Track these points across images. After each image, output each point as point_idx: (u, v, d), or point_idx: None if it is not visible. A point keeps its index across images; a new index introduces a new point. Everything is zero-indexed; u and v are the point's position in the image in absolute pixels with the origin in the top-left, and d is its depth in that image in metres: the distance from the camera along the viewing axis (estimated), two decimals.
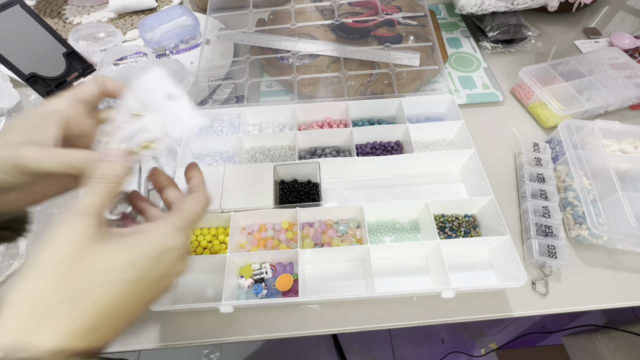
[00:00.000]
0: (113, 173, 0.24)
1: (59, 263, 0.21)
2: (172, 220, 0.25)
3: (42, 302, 0.20)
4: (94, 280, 0.21)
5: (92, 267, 0.22)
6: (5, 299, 0.20)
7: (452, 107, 0.56)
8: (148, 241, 0.24)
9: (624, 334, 0.88)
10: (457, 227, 0.48)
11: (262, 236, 0.48)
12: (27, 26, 0.51)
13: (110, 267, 0.22)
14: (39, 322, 0.20)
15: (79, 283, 0.21)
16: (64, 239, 0.22)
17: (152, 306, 0.23)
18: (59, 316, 0.20)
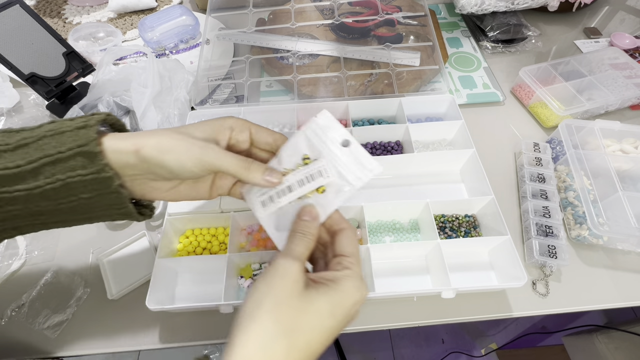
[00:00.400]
0: (312, 231, 0.29)
1: (283, 297, 0.25)
2: (357, 270, 0.28)
3: (269, 333, 0.24)
4: (306, 323, 0.25)
5: (304, 308, 0.25)
6: (239, 323, 0.24)
7: (453, 107, 0.56)
8: (347, 294, 0.26)
9: (624, 334, 0.88)
10: (457, 227, 0.48)
11: (262, 236, 0.48)
12: (26, 26, 0.51)
13: (318, 313, 0.25)
14: (267, 353, 0.23)
15: (296, 321, 0.24)
16: (287, 277, 0.26)
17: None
18: (279, 349, 0.23)
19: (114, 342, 0.42)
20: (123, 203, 0.29)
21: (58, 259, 0.48)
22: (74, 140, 0.26)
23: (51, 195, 0.27)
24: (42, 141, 0.27)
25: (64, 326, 0.43)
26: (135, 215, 0.31)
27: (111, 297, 0.44)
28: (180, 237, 0.48)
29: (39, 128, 0.28)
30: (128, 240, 0.48)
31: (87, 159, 0.26)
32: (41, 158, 0.26)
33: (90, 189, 0.27)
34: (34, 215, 0.28)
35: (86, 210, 0.29)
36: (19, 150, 0.26)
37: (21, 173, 0.26)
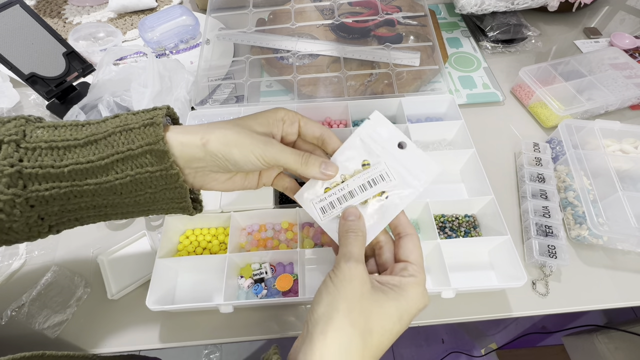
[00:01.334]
0: (363, 229, 0.31)
1: (355, 301, 0.26)
2: (422, 277, 0.29)
3: (347, 335, 0.25)
4: (378, 326, 0.26)
5: (375, 312, 0.26)
6: (316, 323, 0.26)
7: (452, 107, 0.56)
8: (413, 301, 0.28)
9: (624, 334, 0.88)
10: (457, 227, 0.48)
11: (262, 236, 0.48)
12: (27, 26, 0.51)
13: (388, 317, 0.26)
14: (345, 353, 0.25)
15: (368, 324, 0.26)
16: (355, 280, 0.27)
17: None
18: (355, 350, 0.25)
19: (114, 342, 0.42)
20: (184, 197, 0.31)
21: (58, 259, 0.48)
22: (143, 138, 0.28)
23: (118, 189, 0.29)
24: (112, 138, 0.28)
25: (64, 326, 0.43)
26: (190, 209, 0.33)
27: (111, 297, 0.44)
28: (180, 237, 0.48)
29: (104, 123, 0.29)
30: (128, 240, 0.48)
31: (156, 156, 0.28)
32: (112, 155, 0.28)
33: (157, 184, 0.29)
34: (98, 207, 0.30)
35: (149, 203, 0.31)
36: (88, 146, 0.28)
37: (92, 168, 0.28)
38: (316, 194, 0.33)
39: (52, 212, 0.29)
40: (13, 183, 0.26)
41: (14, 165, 0.26)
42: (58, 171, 0.27)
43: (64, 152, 0.28)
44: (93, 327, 0.43)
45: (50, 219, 0.29)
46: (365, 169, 0.32)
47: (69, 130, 0.28)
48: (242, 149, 0.30)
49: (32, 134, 0.28)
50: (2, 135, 0.27)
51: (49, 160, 0.27)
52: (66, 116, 0.52)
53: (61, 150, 0.28)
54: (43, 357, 0.35)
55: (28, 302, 0.43)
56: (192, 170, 0.30)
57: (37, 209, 0.28)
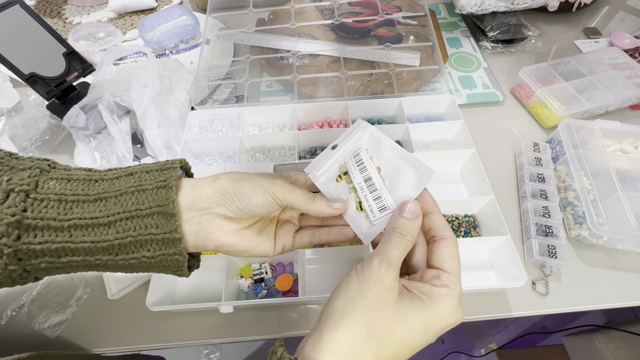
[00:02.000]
0: (413, 232, 0.27)
1: (377, 303, 0.24)
2: (457, 290, 0.26)
3: (361, 335, 0.23)
4: (398, 334, 0.24)
5: (397, 319, 0.24)
6: (330, 316, 0.24)
7: (452, 107, 0.56)
8: (443, 315, 0.25)
9: (624, 334, 0.88)
10: (457, 227, 0.48)
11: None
12: (26, 26, 0.51)
13: (410, 328, 0.24)
14: (356, 353, 0.23)
15: (387, 330, 0.24)
16: (382, 283, 0.25)
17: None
18: (368, 353, 0.23)
19: (114, 342, 0.42)
20: (181, 266, 0.29)
21: None
22: (154, 200, 0.27)
23: (115, 250, 0.27)
24: (123, 197, 0.28)
25: (64, 326, 0.43)
26: (186, 274, 0.31)
27: (111, 297, 0.44)
28: None
29: (117, 180, 0.29)
30: None
31: (162, 218, 0.27)
32: (119, 213, 0.27)
33: (155, 247, 0.28)
34: (88, 266, 0.28)
35: (142, 268, 0.29)
36: (97, 202, 0.27)
37: (94, 224, 0.27)
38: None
39: (39, 268, 0.27)
40: (7, 233, 0.25)
41: (15, 215, 0.26)
42: (58, 224, 0.26)
43: (70, 206, 0.27)
44: (93, 327, 0.43)
45: (36, 272, 0.28)
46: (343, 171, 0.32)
47: (81, 185, 0.28)
48: (251, 183, 0.29)
49: (44, 185, 0.27)
50: (14, 184, 0.26)
51: (53, 213, 0.26)
52: (66, 116, 0.52)
53: (69, 204, 0.27)
54: (48, 356, 0.34)
55: (28, 302, 0.43)
56: (198, 213, 0.28)
57: (24, 263, 0.27)
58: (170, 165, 0.30)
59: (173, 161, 0.30)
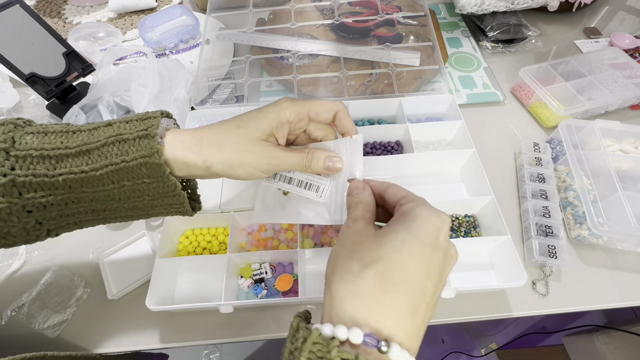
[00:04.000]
0: (366, 198, 0.30)
1: (356, 241, 0.26)
2: (422, 200, 0.27)
3: (353, 271, 0.24)
4: (389, 250, 0.24)
5: (381, 241, 0.24)
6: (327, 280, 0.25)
7: (452, 107, 0.56)
8: (424, 218, 0.25)
9: (624, 334, 0.88)
10: (457, 227, 0.48)
11: (262, 236, 0.48)
12: (26, 26, 0.51)
13: (398, 239, 0.24)
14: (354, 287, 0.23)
15: (376, 253, 0.24)
16: (355, 228, 0.27)
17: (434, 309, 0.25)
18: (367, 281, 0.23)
19: (114, 342, 0.42)
20: (182, 204, 0.31)
21: (58, 259, 0.48)
22: (137, 150, 0.28)
23: (116, 196, 0.29)
24: (105, 148, 0.28)
25: (64, 326, 0.43)
26: (189, 212, 0.33)
27: (111, 297, 0.44)
28: (180, 237, 0.48)
29: (96, 131, 0.29)
30: (128, 240, 0.48)
31: (151, 169, 0.28)
32: (106, 166, 0.27)
33: (154, 192, 0.29)
34: (97, 211, 0.30)
35: (147, 208, 0.31)
36: (80, 156, 0.28)
37: (87, 178, 0.27)
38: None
39: (49, 217, 0.29)
40: (7, 192, 0.26)
41: (6, 175, 0.26)
42: (52, 180, 0.27)
43: (56, 161, 0.27)
44: (93, 327, 0.43)
45: (48, 223, 0.29)
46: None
47: (59, 138, 0.28)
48: (246, 168, 0.31)
49: (21, 141, 0.27)
50: None
51: (42, 169, 0.27)
52: (66, 116, 0.52)
53: (53, 159, 0.27)
54: (45, 357, 0.34)
55: (28, 302, 0.43)
56: (192, 175, 0.31)
57: (34, 215, 0.28)
58: (151, 115, 0.30)
59: (154, 112, 0.31)
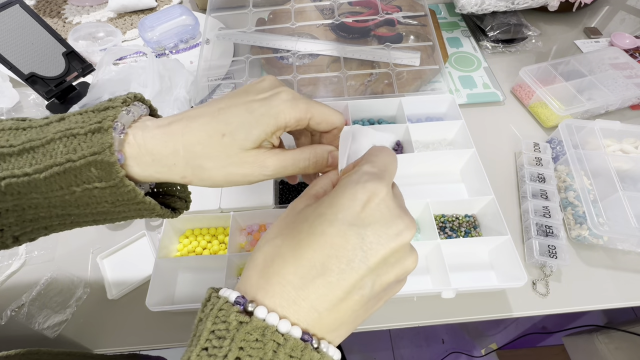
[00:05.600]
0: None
1: (284, 217, 0.24)
2: (359, 170, 0.23)
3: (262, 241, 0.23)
4: (290, 226, 0.22)
5: (291, 220, 0.23)
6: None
7: (453, 107, 0.56)
8: (341, 188, 0.22)
9: (624, 334, 0.88)
10: (458, 227, 0.48)
11: (262, 236, 0.48)
12: (26, 26, 0.51)
13: (302, 215, 0.22)
14: (261, 257, 0.22)
15: (280, 230, 0.22)
16: (290, 207, 0.24)
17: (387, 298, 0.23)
18: (272, 249, 0.22)
19: (114, 342, 0.42)
20: (154, 210, 0.26)
21: (58, 259, 0.48)
22: (88, 147, 0.23)
23: (72, 203, 0.24)
24: (50, 145, 0.23)
25: (64, 326, 0.43)
26: (169, 215, 0.29)
27: (111, 297, 0.43)
28: (180, 237, 0.48)
29: (47, 126, 0.24)
30: (128, 240, 0.48)
31: (102, 169, 0.23)
32: (50, 167, 0.23)
33: (112, 199, 0.24)
34: (61, 216, 0.26)
35: (115, 214, 0.26)
36: (24, 154, 0.23)
37: (33, 182, 0.23)
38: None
39: (9, 224, 0.25)
40: None
41: None
42: None
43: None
44: (93, 327, 0.43)
45: (10, 229, 0.26)
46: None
47: (6, 135, 0.24)
48: (233, 183, 0.26)
49: None
50: None
51: None
52: None
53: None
54: (38, 353, 0.34)
55: (28, 302, 0.43)
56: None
57: None
58: (110, 105, 0.24)
59: (116, 98, 0.25)
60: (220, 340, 0.19)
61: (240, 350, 0.19)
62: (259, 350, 0.19)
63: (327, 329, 0.21)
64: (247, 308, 0.20)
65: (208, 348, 0.19)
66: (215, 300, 0.21)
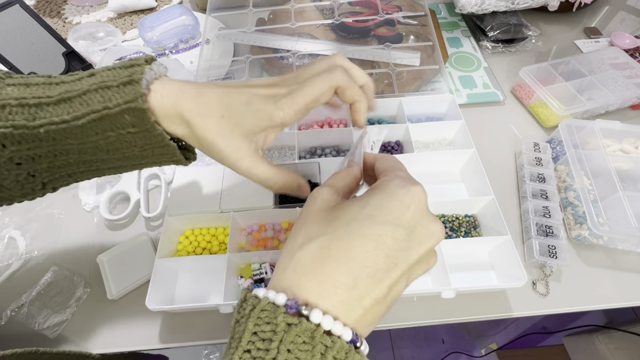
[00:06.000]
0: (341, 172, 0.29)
1: (311, 214, 0.24)
2: (399, 173, 0.25)
3: (297, 243, 0.23)
4: (335, 224, 0.23)
5: (335, 216, 0.23)
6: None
7: (453, 107, 0.56)
8: (384, 192, 0.23)
9: (624, 334, 0.88)
10: (458, 227, 0.48)
11: (262, 236, 0.48)
12: (26, 26, 0.51)
13: (346, 215, 0.23)
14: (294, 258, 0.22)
15: (324, 228, 0.23)
16: (315, 199, 0.25)
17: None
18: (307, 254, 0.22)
19: (114, 342, 0.42)
20: (174, 154, 0.30)
21: (58, 259, 0.48)
22: (121, 97, 0.26)
23: (104, 148, 0.27)
24: (87, 96, 0.26)
25: (64, 326, 0.43)
26: (183, 162, 0.32)
27: (111, 297, 0.43)
28: (180, 237, 0.48)
29: (79, 81, 0.27)
30: (128, 240, 0.48)
31: (135, 116, 0.26)
32: (88, 114, 0.25)
33: (142, 143, 0.28)
34: (88, 162, 0.29)
35: (139, 158, 0.30)
36: (61, 104, 0.26)
37: (69, 128, 0.26)
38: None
39: (41, 169, 0.28)
40: None
41: None
42: (34, 132, 0.25)
43: (35, 110, 0.26)
44: (93, 327, 0.43)
45: (41, 175, 0.28)
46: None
47: (41, 88, 0.27)
48: (212, 156, 0.29)
49: (1, 92, 0.26)
50: None
51: (21, 120, 0.25)
52: None
53: (32, 109, 0.26)
54: (37, 353, 0.34)
55: (28, 302, 0.43)
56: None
57: (24, 167, 0.27)
58: (135, 62, 0.27)
59: (138, 57, 0.28)
60: (266, 342, 0.19)
61: (288, 352, 0.19)
62: (307, 353, 0.19)
63: (365, 324, 0.22)
64: (301, 312, 0.20)
65: (251, 350, 0.19)
66: (254, 301, 0.21)
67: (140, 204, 0.51)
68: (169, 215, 0.46)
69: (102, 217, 0.50)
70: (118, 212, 0.51)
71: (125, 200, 0.53)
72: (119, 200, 0.53)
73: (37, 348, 0.36)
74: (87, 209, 0.52)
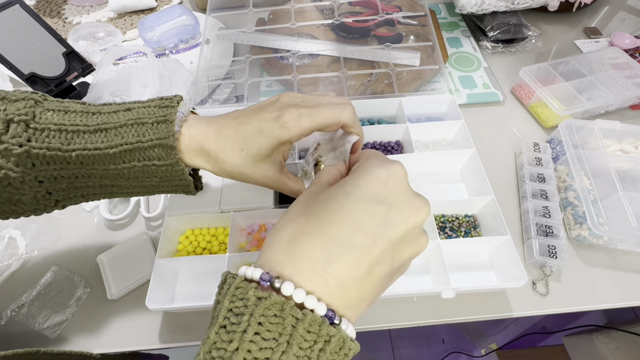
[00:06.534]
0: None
1: (302, 199, 0.25)
2: (373, 156, 0.26)
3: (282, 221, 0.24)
4: (315, 206, 0.23)
5: (315, 200, 0.24)
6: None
7: (453, 107, 0.56)
8: (361, 172, 0.24)
9: (624, 334, 0.88)
10: (458, 227, 0.48)
11: (262, 236, 0.48)
12: (26, 26, 0.51)
13: (328, 194, 0.24)
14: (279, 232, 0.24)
15: (308, 206, 0.24)
16: (307, 191, 0.26)
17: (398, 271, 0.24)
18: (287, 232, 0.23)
19: (114, 342, 0.42)
20: (188, 186, 0.33)
21: (58, 259, 0.48)
22: (155, 133, 0.29)
23: (125, 175, 0.30)
24: (123, 129, 0.29)
25: (64, 326, 0.43)
26: (193, 192, 0.35)
27: (111, 297, 0.43)
28: (180, 237, 0.48)
29: (115, 114, 0.30)
30: (128, 240, 0.48)
31: (164, 150, 0.29)
32: (121, 145, 0.29)
33: (162, 175, 0.31)
34: (105, 186, 0.32)
35: (154, 188, 0.33)
36: (97, 133, 0.29)
37: (100, 155, 0.29)
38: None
39: (59, 188, 0.30)
40: (22, 162, 0.28)
41: (22, 145, 0.27)
42: (66, 155, 0.28)
43: (72, 136, 0.28)
44: (93, 327, 0.43)
45: (57, 194, 0.31)
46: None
47: (79, 117, 0.29)
48: (243, 181, 0.33)
49: (41, 116, 0.28)
50: (12, 114, 0.28)
51: (57, 143, 0.28)
52: None
53: (69, 134, 0.28)
54: (37, 354, 0.35)
55: (28, 302, 0.43)
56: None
57: (45, 185, 0.30)
58: (169, 104, 0.31)
59: (171, 98, 0.32)
60: (239, 317, 0.20)
61: (259, 325, 0.19)
62: (277, 325, 0.19)
63: (349, 304, 0.22)
64: (273, 284, 0.20)
65: (226, 325, 0.20)
66: (231, 280, 0.21)
67: (140, 203, 0.51)
68: (169, 215, 0.46)
69: (102, 217, 0.50)
70: (118, 212, 0.51)
71: (125, 200, 0.53)
72: (119, 200, 0.53)
73: (38, 348, 0.36)
74: (87, 209, 0.52)
